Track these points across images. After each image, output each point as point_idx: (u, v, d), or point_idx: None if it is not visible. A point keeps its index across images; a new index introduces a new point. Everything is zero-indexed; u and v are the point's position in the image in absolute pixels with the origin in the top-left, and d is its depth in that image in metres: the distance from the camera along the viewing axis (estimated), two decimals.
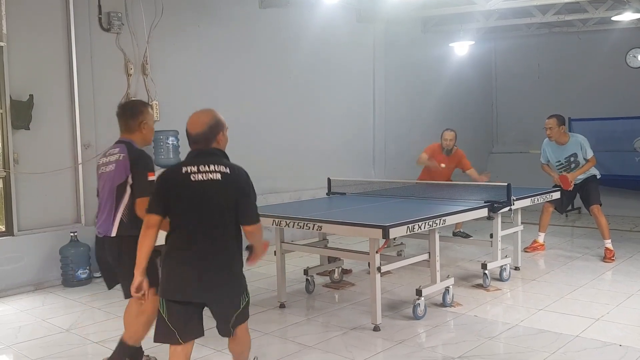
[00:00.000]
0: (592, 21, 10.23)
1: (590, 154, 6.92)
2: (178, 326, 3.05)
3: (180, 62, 7.40)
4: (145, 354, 3.93)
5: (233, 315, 3.13)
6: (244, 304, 3.15)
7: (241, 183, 3.06)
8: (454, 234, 7.79)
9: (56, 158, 6.37)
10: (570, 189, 6.97)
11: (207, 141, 3.09)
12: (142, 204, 3.39)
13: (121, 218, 3.58)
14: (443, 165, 7.61)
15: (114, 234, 3.57)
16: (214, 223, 3.02)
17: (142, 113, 3.72)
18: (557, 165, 7.10)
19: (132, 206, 3.56)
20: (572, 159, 6.96)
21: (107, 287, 3.92)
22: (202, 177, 2.99)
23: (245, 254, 3.18)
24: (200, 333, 3.17)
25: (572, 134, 7.13)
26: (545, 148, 7.20)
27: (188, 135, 3.13)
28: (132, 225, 3.50)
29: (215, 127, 3.11)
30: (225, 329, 3.19)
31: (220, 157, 3.11)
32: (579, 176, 6.96)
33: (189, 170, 3.01)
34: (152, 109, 3.80)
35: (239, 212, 3.04)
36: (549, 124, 6.94)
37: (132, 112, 3.73)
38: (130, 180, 3.55)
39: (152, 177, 3.51)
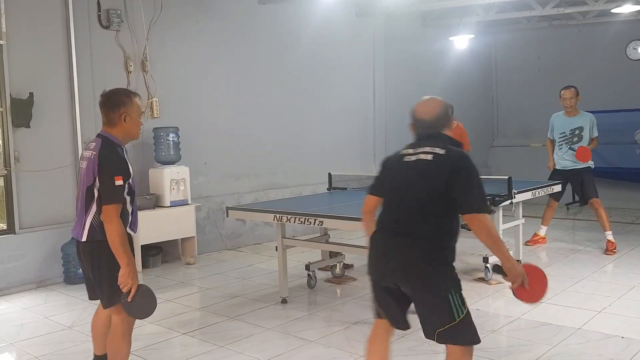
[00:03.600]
0: (592, 13, 10.18)
1: (596, 133, 7.03)
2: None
3: (180, 58, 7.40)
4: None
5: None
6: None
7: None
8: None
9: (57, 156, 6.37)
10: (588, 160, 6.95)
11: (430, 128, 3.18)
12: (107, 211, 3.16)
13: (91, 222, 3.26)
14: None
15: (84, 239, 3.31)
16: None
17: (124, 104, 3.30)
18: (560, 137, 7.11)
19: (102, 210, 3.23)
20: (577, 131, 7.01)
21: (88, 296, 3.61)
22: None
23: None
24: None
25: (582, 111, 7.15)
26: (553, 120, 7.24)
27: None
28: (103, 230, 3.21)
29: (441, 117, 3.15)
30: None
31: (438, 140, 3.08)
32: (572, 164, 6.99)
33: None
34: (139, 99, 3.42)
35: None
36: (568, 94, 6.99)
37: (112, 103, 3.32)
38: (97, 184, 3.21)
39: (120, 182, 3.17)
